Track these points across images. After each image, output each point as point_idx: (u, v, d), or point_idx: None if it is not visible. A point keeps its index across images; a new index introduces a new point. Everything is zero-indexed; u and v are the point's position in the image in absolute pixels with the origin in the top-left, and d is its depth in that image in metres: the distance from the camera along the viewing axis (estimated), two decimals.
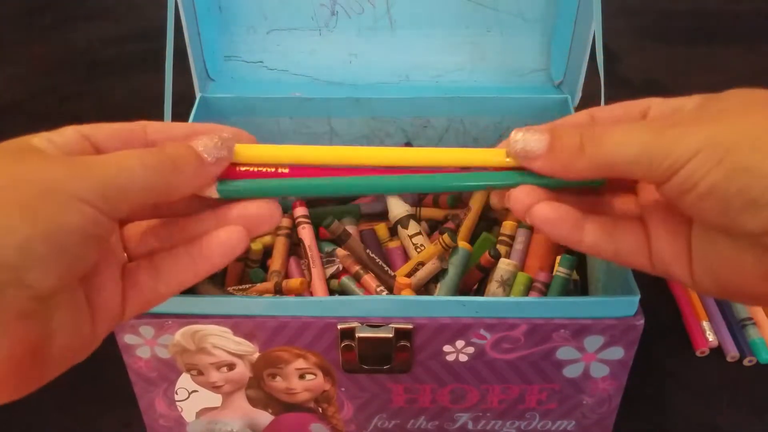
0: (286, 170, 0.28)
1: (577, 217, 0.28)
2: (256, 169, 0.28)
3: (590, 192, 0.30)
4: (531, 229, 0.53)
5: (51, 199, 0.21)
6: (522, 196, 0.28)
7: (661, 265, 0.28)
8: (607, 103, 0.51)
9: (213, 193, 0.27)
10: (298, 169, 0.28)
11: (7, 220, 0.20)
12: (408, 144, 0.62)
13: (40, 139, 0.25)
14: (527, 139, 0.27)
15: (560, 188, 0.28)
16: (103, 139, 0.26)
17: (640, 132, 0.25)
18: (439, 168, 0.30)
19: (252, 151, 0.28)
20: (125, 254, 0.27)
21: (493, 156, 0.29)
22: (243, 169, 0.28)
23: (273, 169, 0.28)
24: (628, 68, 0.95)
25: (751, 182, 0.23)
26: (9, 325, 0.21)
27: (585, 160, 0.26)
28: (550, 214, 0.28)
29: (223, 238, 0.26)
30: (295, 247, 0.54)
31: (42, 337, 0.22)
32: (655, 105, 0.29)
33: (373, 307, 0.42)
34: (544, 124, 0.29)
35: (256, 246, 0.52)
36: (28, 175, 0.22)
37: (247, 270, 0.53)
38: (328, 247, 0.54)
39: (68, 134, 0.25)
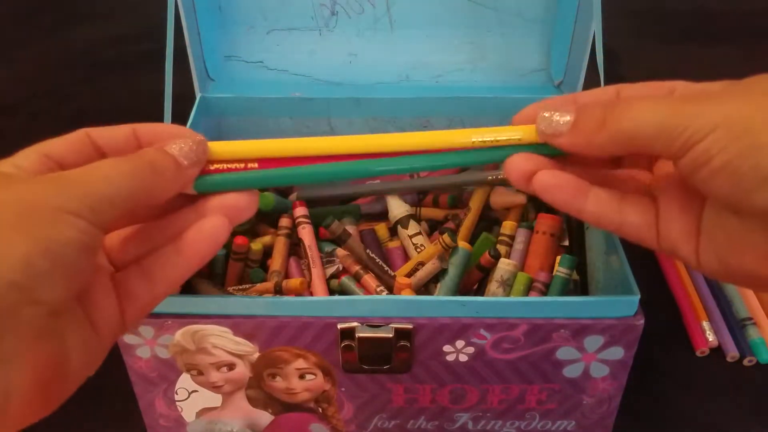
0: (255, 165, 0.29)
1: (579, 185, 0.28)
2: (226, 167, 0.29)
3: (602, 166, 0.31)
4: (531, 228, 0.53)
5: (41, 215, 0.22)
6: (520, 163, 0.29)
7: (668, 243, 0.28)
8: None
9: (189, 189, 0.28)
10: (268, 163, 0.29)
11: (5, 240, 0.21)
12: None
13: (5, 166, 0.25)
14: (555, 122, 0.28)
15: (565, 159, 0.29)
16: (60, 153, 0.27)
17: (660, 106, 0.25)
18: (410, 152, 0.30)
19: (223, 148, 0.29)
20: (110, 266, 0.27)
21: (459, 137, 0.30)
22: (214, 167, 0.28)
23: (242, 166, 0.29)
24: (628, 68, 0.95)
25: (765, 160, 0.23)
26: (31, 345, 0.21)
27: (606, 135, 0.26)
28: (550, 181, 0.28)
29: (208, 227, 0.27)
30: (295, 247, 0.54)
31: (61, 354, 0.22)
32: (681, 87, 0.29)
33: (373, 307, 0.42)
34: (570, 96, 0.29)
35: (256, 246, 0.52)
36: (12, 196, 0.22)
37: (247, 270, 0.53)
38: (328, 247, 0.54)
39: (30, 155, 0.26)
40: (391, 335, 0.41)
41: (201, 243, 0.27)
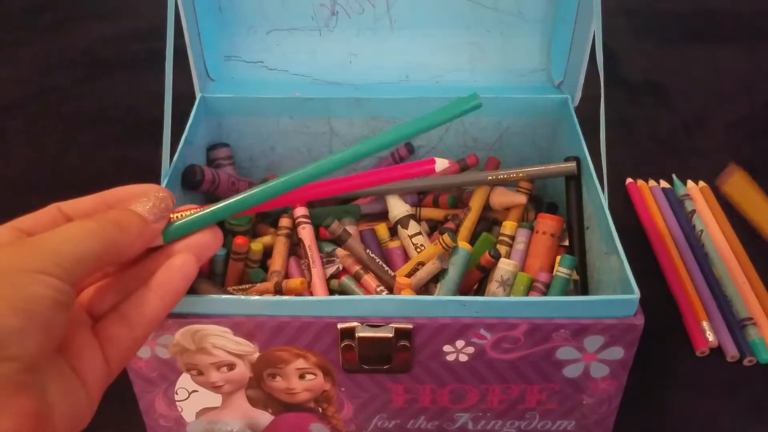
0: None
1: None
2: (188, 213, 0.31)
3: None
4: (531, 229, 0.53)
5: (13, 276, 0.23)
6: None
7: None
8: (607, 102, 0.51)
9: (158, 241, 0.30)
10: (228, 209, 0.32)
11: None
12: (409, 144, 0.62)
13: None
14: None
15: None
16: (31, 227, 0.28)
17: None
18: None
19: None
20: (89, 318, 0.28)
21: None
22: (175, 215, 0.30)
23: (198, 209, 0.31)
24: (628, 68, 0.95)
25: None
26: (10, 399, 0.21)
27: None
28: None
29: (178, 264, 0.29)
30: (295, 247, 0.54)
31: (42, 407, 0.23)
32: None
33: (373, 307, 0.42)
34: None
35: (256, 246, 0.52)
36: None
37: (247, 270, 0.53)
38: (328, 247, 0.54)
39: (4, 231, 0.27)
40: (391, 335, 0.41)
41: (172, 280, 0.28)
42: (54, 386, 0.24)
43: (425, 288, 0.51)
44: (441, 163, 0.34)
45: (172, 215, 0.30)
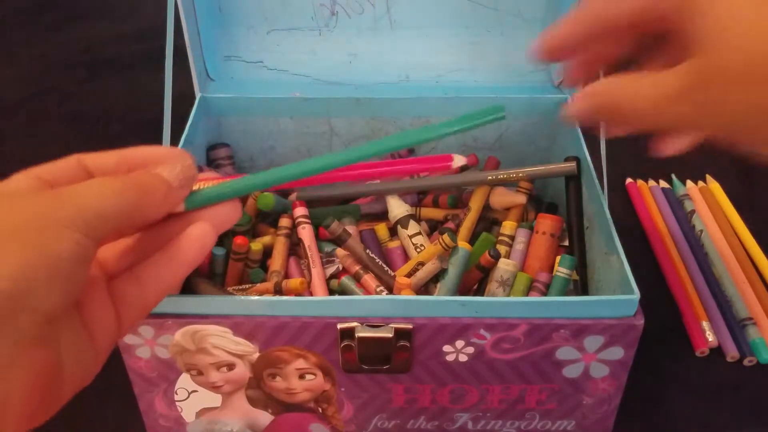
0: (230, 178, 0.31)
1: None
2: (210, 184, 0.30)
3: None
4: (531, 229, 0.53)
5: (39, 228, 0.23)
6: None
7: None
8: None
9: (180, 207, 0.29)
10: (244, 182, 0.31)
11: (1, 251, 0.22)
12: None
13: (4, 186, 0.26)
14: (576, 111, 0.31)
15: None
16: (52, 177, 0.28)
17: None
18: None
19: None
20: (104, 276, 0.28)
21: None
22: (198, 185, 0.30)
23: (224, 178, 0.31)
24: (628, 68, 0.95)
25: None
26: (28, 351, 0.22)
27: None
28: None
29: (196, 233, 0.28)
30: (295, 247, 0.54)
31: (56, 361, 0.23)
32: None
33: (373, 307, 0.42)
34: (580, 93, 0.31)
35: (256, 246, 0.52)
36: (9, 210, 0.23)
37: (247, 270, 0.53)
38: (328, 247, 0.54)
39: (24, 179, 0.27)
40: (391, 335, 0.41)
41: (190, 248, 0.28)
42: (67, 341, 0.24)
43: (425, 288, 0.51)
44: (458, 160, 0.35)
45: (195, 185, 0.30)
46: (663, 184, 0.75)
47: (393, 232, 0.56)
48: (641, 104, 0.28)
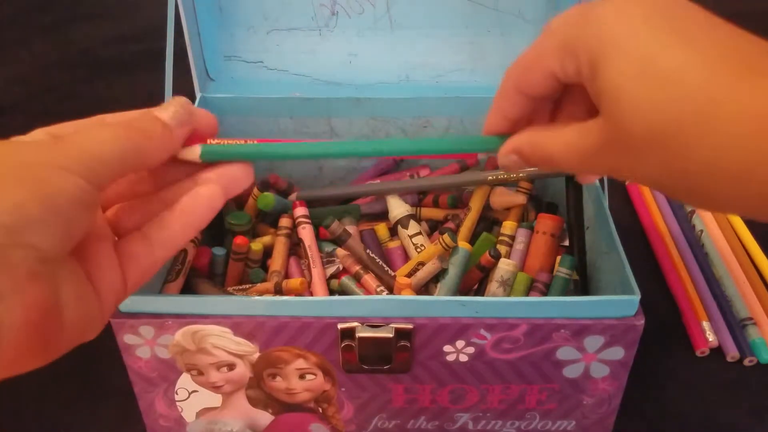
0: (254, 142, 0.31)
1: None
2: (225, 143, 0.30)
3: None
4: (531, 229, 0.53)
5: (38, 169, 0.23)
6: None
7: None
8: None
9: (196, 158, 0.29)
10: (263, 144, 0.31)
11: (1, 187, 0.22)
12: None
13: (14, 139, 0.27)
14: (507, 163, 0.32)
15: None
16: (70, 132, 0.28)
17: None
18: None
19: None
20: (112, 234, 0.28)
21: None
22: (217, 141, 0.30)
23: (243, 141, 0.31)
24: None
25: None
26: (22, 283, 0.22)
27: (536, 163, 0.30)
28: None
29: (204, 193, 0.29)
30: (295, 247, 0.54)
31: (52, 300, 0.23)
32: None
33: (373, 307, 0.42)
34: (508, 142, 0.33)
35: (256, 246, 0.52)
36: (11, 153, 0.24)
37: (247, 270, 0.53)
38: (328, 247, 0.54)
39: (40, 134, 0.28)
40: (391, 335, 0.41)
41: (197, 208, 0.28)
42: (67, 287, 0.24)
43: (425, 288, 0.51)
44: None
45: (211, 140, 0.30)
46: None
47: (393, 232, 0.56)
48: (569, 156, 0.28)
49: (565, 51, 0.27)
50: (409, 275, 0.49)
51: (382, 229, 0.56)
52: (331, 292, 0.51)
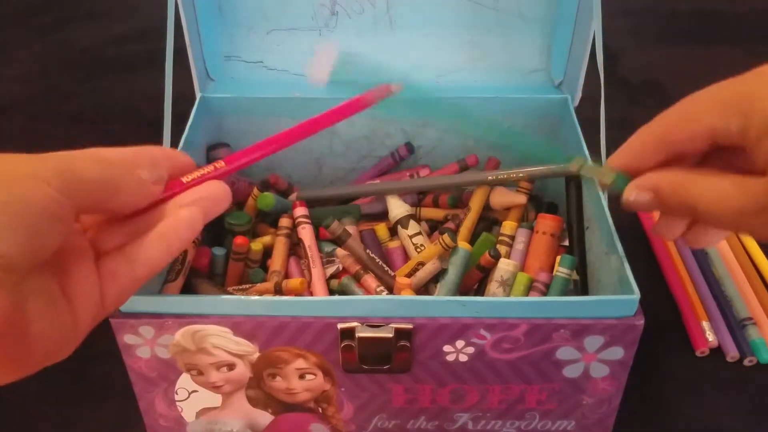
0: (222, 164, 0.32)
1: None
2: (197, 174, 0.31)
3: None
4: (531, 229, 0.53)
5: (10, 178, 0.23)
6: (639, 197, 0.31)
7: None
8: (607, 103, 0.51)
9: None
10: (234, 158, 0.33)
11: None
12: (408, 144, 0.62)
13: None
14: (637, 200, 0.31)
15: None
16: None
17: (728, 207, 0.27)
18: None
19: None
20: (92, 252, 0.28)
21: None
22: (187, 179, 0.31)
23: (211, 168, 0.32)
24: (628, 68, 0.95)
25: None
26: None
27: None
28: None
29: (185, 214, 0.29)
30: (295, 247, 0.54)
31: (15, 313, 0.23)
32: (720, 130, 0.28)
33: (373, 307, 0.42)
34: (646, 177, 0.31)
35: (256, 246, 0.52)
36: None
37: (247, 270, 0.53)
38: (328, 247, 0.54)
39: None
40: (391, 335, 0.41)
41: (178, 230, 0.29)
42: (36, 301, 0.24)
43: (425, 288, 0.51)
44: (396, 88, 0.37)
45: (184, 178, 0.31)
46: None
47: (393, 232, 0.56)
48: (722, 209, 0.26)
49: (732, 109, 0.26)
50: (409, 275, 0.49)
51: (382, 229, 0.56)
52: (331, 292, 0.51)
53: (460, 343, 0.42)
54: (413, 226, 0.55)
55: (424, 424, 0.48)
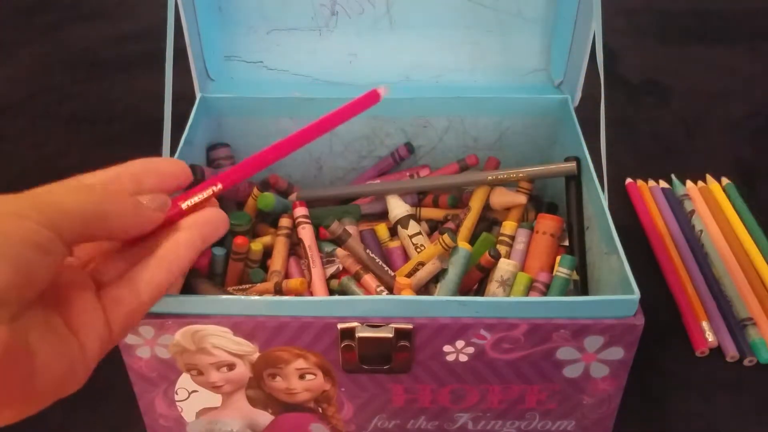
0: (219, 186, 0.32)
1: None
2: (197, 200, 0.31)
3: None
4: (531, 229, 0.53)
5: None
6: None
7: None
8: (607, 102, 0.51)
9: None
10: (229, 177, 0.32)
11: None
12: (408, 144, 0.62)
13: None
14: None
15: None
16: None
17: None
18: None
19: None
20: (93, 283, 0.28)
21: None
22: (186, 205, 0.31)
23: (210, 192, 0.32)
24: (628, 68, 0.95)
25: None
26: None
27: None
28: None
29: (184, 237, 0.29)
30: (295, 247, 0.54)
31: (15, 345, 0.23)
32: None
33: (373, 307, 0.42)
34: None
35: (256, 246, 0.52)
36: None
37: (247, 270, 0.53)
38: (328, 247, 0.54)
39: None
40: (391, 335, 0.41)
41: (179, 253, 0.29)
42: (39, 334, 0.24)
43: (425, 288, 0.51)
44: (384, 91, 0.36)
45: (183, 204, 0.31)
46: (663, 184, 0.75)
47: (393, 232, 0.56)
48: None
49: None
50: (409, 275, 0.49)
51: (382, 229, 0.56)
52: (331, 292, 0.51)
53: (460, 343, 0.42)
54: (413, 226, 0.55)
55: (424, 424, 0.48)
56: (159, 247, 0.29)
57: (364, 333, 0.41)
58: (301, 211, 0.54)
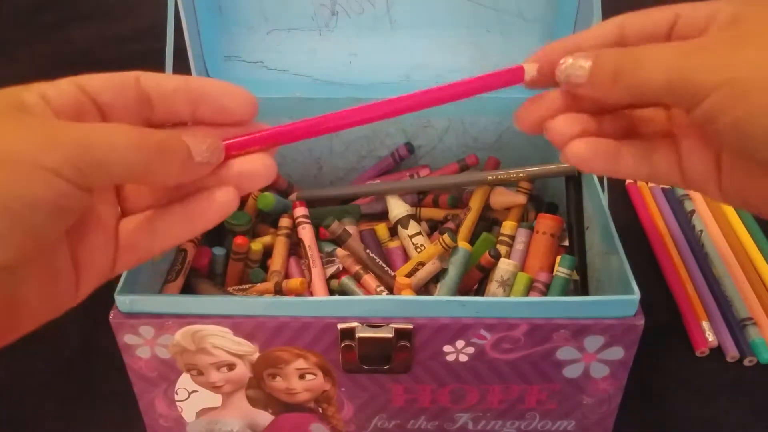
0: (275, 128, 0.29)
1: (611, 150, 0.29)
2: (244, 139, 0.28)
3: (625, 112, 0.31)
4: (531, 229, 0.53)
5: (13, 168, 0.20)
6: (562, 127, 0.30)
7: (693, 182, 0.29)
8: None
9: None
10: (293, 133, 0.30)
11: None
12: (408, 144, 0.62)
13: (30, 94, 0.24)
14: (572, 67, 0.29)
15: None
16: (97, 89, 0.25)
17: (667, 58, 0.25)
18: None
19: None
20: (118, 211, 0.27)
21: None
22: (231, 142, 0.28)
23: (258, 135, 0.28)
24: None
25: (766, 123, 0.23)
26: None
27: (619, 88, 0.27)
28: (584, 153, 0.29)
29: (219, 198, 0.26)
30: (295, 247, 0.54)
31: (8, 302, 0.22)
32: (684, 14, 0.28)
33: (373, 307, 0.42)
34: (574, 39, 0.31)
35: (256, 246, 0.52)
36: None
37: (247, 270, 0.53)
38: (328, 247, 0.54)
39: (63, 86, 0.24)
40: (391, 335, 0.41)
41: (209, 211, 0.26)
42: (31, 280, 0.22)
43: (425, 288, 0.51)
44: (530, 68, 0.35)
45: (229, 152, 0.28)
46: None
47: (393, 232, 0.56)
48: (662, 58, 0.25)
49: None
50: (409, 275, 0.49)
51: (382, 229, 0.56)
52: (331, 292, 0.51)
53: (460, 343, 0.42)
54: (413, 226, 0.55)
55: (424, 424, 0.48)
56: (191, 199, 0.26)
57: (364, 333, 0.41)
58: (301, 211, 0.54)
